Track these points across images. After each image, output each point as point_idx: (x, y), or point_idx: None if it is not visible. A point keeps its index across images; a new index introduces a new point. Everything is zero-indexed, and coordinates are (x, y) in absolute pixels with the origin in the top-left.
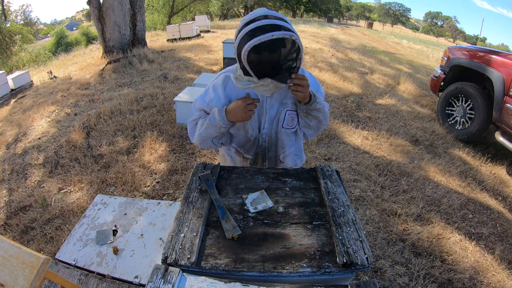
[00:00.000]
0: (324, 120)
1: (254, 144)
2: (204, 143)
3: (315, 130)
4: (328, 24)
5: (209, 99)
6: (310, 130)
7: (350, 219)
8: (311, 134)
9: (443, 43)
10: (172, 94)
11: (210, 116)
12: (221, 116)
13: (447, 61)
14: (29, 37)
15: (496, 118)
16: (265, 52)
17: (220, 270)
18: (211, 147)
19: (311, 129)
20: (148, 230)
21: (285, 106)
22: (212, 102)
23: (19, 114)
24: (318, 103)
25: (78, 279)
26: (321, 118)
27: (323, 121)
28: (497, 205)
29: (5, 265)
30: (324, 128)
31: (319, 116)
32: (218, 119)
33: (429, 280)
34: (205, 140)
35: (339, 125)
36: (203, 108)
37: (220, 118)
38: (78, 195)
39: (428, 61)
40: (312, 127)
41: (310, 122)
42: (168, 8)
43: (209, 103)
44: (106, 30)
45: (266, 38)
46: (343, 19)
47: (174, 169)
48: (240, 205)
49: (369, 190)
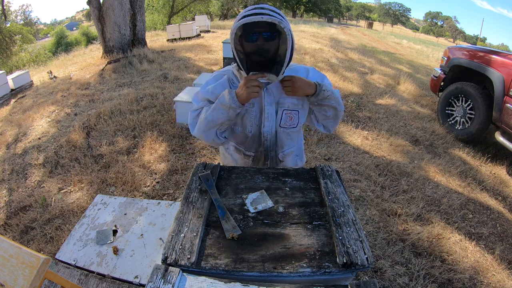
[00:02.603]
0: (339, 106)
1: (255, 141)
2: (207, 133)
3: (334, 120)
4: (328, 24)
5: (213, 87)
6: (329, 121)
7: (350, 219)
8: (331, 125)
9: (443, 43)
10: (172, 94)
11: (220, 97)
12: (231, 96)
13: (447, 61)
14: (29, 37)
15: (496, 118)
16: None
17: (220, 270)
18: (214, 140)
19: (330, 119)
20: (148, 230)
21: (281, 105)
22: (216, 89)
23: (19, 114)
24: (326, 90)
25: (78, 279)
26: (335, 105)
27: (338, 107)
28: (497, 205)
29: (5, 265)
30: (342, 114)
31: (332, 103)
32: (227, 99)
33: (429, 280)
34: (209, 128)
35: (339, 125)
36: (207, 97)
37: (230, 98)
38: (78, 195)
39: (428, 61)
40: (331, 117)
41: (327, 113)
42: (168, 8)
43: (213, 91)
44: (106, 30)
45: (256, 19)
46: (343, 19)
47: (174, 169)
48: (240, 205)
49: (369, 190)
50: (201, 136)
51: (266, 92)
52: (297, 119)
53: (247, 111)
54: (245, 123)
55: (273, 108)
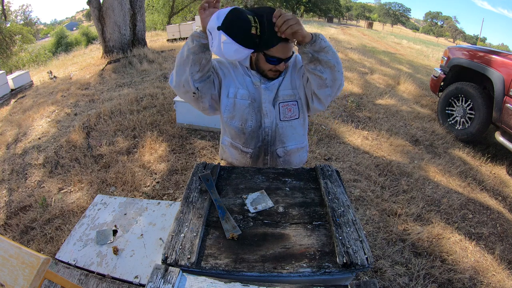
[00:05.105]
0: (337, 65)
1: (253, 137)
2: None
3: (331, 87)
4: (328, 24)
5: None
6: (325, 89)
7: (350, 219)
8: (328, 93)
9: (443, 43)
10: (172, 94)
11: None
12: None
13: (447, 61)
14: (29, 37)
15: (496, 118)
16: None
17: (220, 270)
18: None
19: (327, 86)
20: (148, 230)
21: (277, 99)
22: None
23: (19, 114)
24: (323, 40)
25: (78, 279)
26: (332, 62)
27: (336, 66)
28: (497, 205)
29: (5, 265)
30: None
31: (330, 60)
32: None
33: (429, 280)
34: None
35: (339, 125)
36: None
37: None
38: (78, 195)
39: (428, 61)
40: (327, 81)
41: (323, 73)
42: (168, 8)
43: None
44: (106, 30)
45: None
46: (343, 19)
47: (174, 169)
48: (240, 205)
49: (369, 190)
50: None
51: (264, 90)
52: (297, 109)
53: (249, 105)
54: (245, 117)
55: (271, 104)
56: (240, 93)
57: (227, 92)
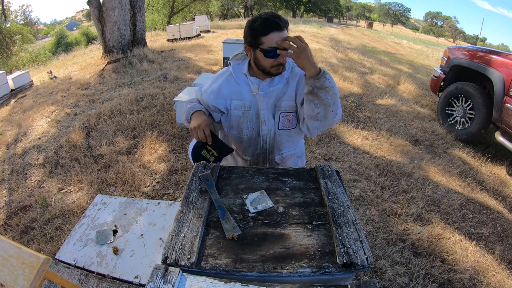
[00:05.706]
0: (333, 106)
1: (250, 145)
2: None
3: (321, 121)
4: (328, 24)
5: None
6: (315, 121)
7: (350, 219)
8: (316, 126)
9: (443, 43)
10: (172, 94)
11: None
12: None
13: (447, 61)
14: (29, 37)
15: (496, 118)
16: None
17: (220, 270)
18: None
19: (317, 120)
20: (148, 230)
21: (279, 109)
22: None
23: (19, 114)
24: (328, 79)
25: (78, 279)
26: (329, 103)
27: (331, 106)
28: (497, 205)
29: (5, 265)
30: (333, 122)
31: (328, 99)
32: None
33: (429, 280)
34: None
35: (339, 125)
36: (198, 97)
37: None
38: (78, 195)
39: (428, 61)
40: (318, 116)
41: (317, 108)
42: (168, 8)
43: (203, 94)
44: (106, 30)
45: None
46: (343, 19)
47: (174, 169)
48: (240, 205)
49: (369, 190)
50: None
51: (263, 96)
52: (296, 120)
53: (244, 114)
54: (240, 126)
55: (269, 112)
56: (234, 104)
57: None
